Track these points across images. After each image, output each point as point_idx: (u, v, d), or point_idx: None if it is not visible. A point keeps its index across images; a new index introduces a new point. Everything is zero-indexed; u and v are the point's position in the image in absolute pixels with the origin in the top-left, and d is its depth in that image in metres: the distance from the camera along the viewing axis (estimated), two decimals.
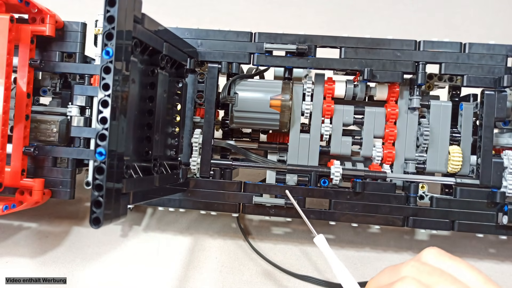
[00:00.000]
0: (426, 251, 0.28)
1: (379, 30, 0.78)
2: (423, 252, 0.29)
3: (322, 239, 0.35)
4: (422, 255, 0.28)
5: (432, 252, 0.28)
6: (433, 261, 0.28)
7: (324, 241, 0.35)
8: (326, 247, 0.35)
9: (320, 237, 0.35)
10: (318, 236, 0.36)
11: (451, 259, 0.27)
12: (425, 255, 0.28)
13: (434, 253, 0.28)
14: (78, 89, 0.51)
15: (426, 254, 0.28)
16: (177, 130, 0.48)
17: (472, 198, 0.49)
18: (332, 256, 0.33)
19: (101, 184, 0.30)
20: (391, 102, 0.52)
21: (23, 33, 0.48)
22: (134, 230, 0.58)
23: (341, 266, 0.33)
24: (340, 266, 0.32)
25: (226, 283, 0.52)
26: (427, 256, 0.28)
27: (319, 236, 0.36)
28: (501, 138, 0.52)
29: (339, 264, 0.33)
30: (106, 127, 0.31)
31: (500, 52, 0.49)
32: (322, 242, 0.35)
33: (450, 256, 0.28)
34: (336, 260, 0.33)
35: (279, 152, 0.55)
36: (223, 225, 0.59)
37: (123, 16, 0.31)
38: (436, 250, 0.28)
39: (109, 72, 0.31)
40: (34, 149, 0.49)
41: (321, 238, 0.35)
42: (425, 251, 0.29)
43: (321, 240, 0.35)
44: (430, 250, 0.28)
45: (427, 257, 0.28)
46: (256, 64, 0.51)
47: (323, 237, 0.35)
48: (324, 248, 0.35)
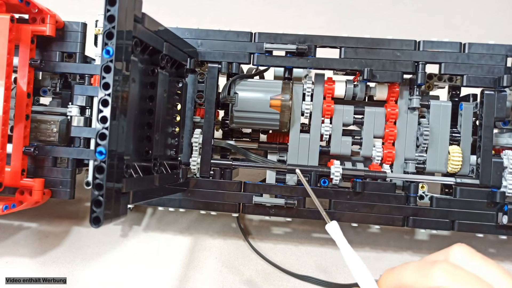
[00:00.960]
0: (455, 249, 0.26)
1: (379, 30, 0.78)
2: (452, 250, 0.26)
3: (336, 226, 0.33)
4: (452, 254, 0.26)
5: (463, 251, 0.26)
6: (465, 264, 0.25)
7: (338, 229, 0.33)
8: (339, 235, 0.32)
9: (333, 224, 0.33)
10: (332, 222, 0.33)
11: (484, 261, 0.25)
12: (454, 254, 0.26)
13: (466, 253, 0.26)
14: (78, 89, 0.51)
15: (455, 254, 0.26)
16: (177, 130, 0.48)
17: (472, 198, 0.49)
18: (345, 245, 0.31)
19: (101, 184, 0.30)
20: (391, 102, 0.52)
21: (23, 33, 0.48)
22: (134, 230, 0.58)
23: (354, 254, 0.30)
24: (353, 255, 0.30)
25: (226, 283, 0.52)
26: (457, 256, 0.26)
27: (333, 222, 0.33)
28: (500, 138, 0.52)
29: (352, 253, 0.31)
30: (106, 126, 0.31)
31: (500, 52, 0.49)
32: (335, 229, 0.33)
33: (482, 257, 0.26)
34: (349, 248, 0.31)
35: (279, 152, 0.55)
36: (223, 225, 0.59)
37: (124, 16, 0.31)
38: (467, 250, 0.26)
39: (109, 71, 0.31)
40: (34, 149, 0.49)
41: (334, 225, 0.33)
42: (454, 249, 0.26)
43: (335, 227, 0.33)
44: (460, 248, 0.26)
45: (458, 258, 0.26)
46: (256, 64, 0.51)
47: (336, 224, 0.33)
48: (337, 236, 0.32)
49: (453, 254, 0.26)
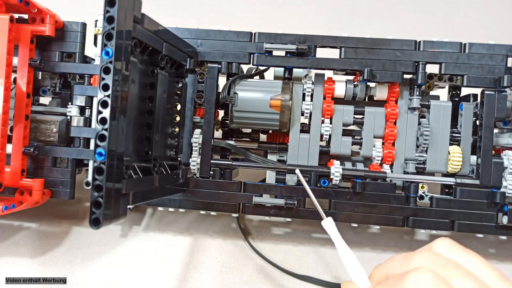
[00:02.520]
0: (438, 241, 0.28)
1: (379, 30, 0.77)
2: (435, 242, 0.28)
3: (331, 222, 0.34)
4: (434, 245, 0.28)
5: (444, 243, 0.27)
6: (446, 253, 0.27)
7: (333, 225, 0.34)
8: (334, 231, 0.34)
9: (329, 220, 0.34)
10: (327, 219, 0.35)
11: (464, 251, 0.27)
12: (437, 245, 0.27)
13: (447, 244, 0.27)
14: (78, 89, 0.51)
15: (438, 245, 0.27)
16: (177, 130, 0.48)
17: (472, 198, 0.49)
18: (339, 240, 0.33)
19: (101, 185, 0.30)
20: (391, 102, 0.52)
21: (23, 33, 0.48)
22: (134, 230, 0.58)
23: (348, 250, 0.32)
24: (347, 251, 0.32)
25: (226, 283, 0.52)
26: (439, 247, 0.27)
27: (328, 219, 0.35)
28: (501, 138, 0.52)
29: (346, 249, 0.32)
30: (106, 128, 0.31)
31: (500, 52, 0.49)
32: (330, 225, 0.34)
33: (463, 248, 0.27)
34: (343, 244, 0.32)
35: (279, 152, 0.55)
36: (223, 225, 0.59)
37: (123, 16, 0.31)
38: (448, 241, 0.27)
39: (109, 73, 0.30)
40: (34, 149, 0.49)
41: (329, 221, 0.34)
42: (437, 241, 0.28)
43: (330, 223, 0.34)
44: (442, 240, 0.28)
45: (439, 248, 0.27)
46: (256, 64, 0.51)
47: (331, 220, 0.34)
48: (332, 231, 0.34)
49: (435, 246, 0.28)
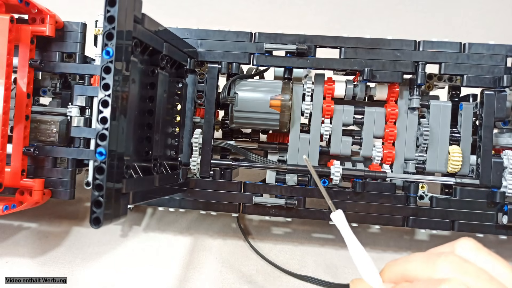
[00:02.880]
0: (462, 242, 0.25)
1: (379, 30, 0.78)
2: (459, 243, 0.25)
3: (341, 215, 0.32)
4: (457, 247, 0.25)
5: (470, 245, 0.25)
6: (473, 258, 0.25)
7: (343, 218, 0.32)
8: (344, 225, 0.32)
9: (339, 213, 0.32)
10: (337, 211, 0.33)
11: (491, 256, 0.25)
12: (461, 248, 0.25)
13: (473, 247, 0.25)
14: (78, 89, 0.51)
15: (463, 247, 0.25)
16: (177, 130, 0.48)
17: (472, 198, 0.49)
18: (350, 234, 0.31)
19: (101, 184, 0.30)
20: (391, 102, 0.52)
21: (23, 33, 0.48)
22: (134, 230, 0.58)
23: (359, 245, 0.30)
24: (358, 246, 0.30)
25: (226, 283, 0.52)
26: (465, 250, 0.25)
27: (338, 211, 0.33)
28: (500, 138, 0.52)
29: (356, 244, 0.30)
30: (106, 127, 0.31)
31: (500, 52, 0.49)
32: (340, 218, 0.32)
33: (489, 252, 0.25)
34: (354, 239, 0.31)
35: (279, 152, 0.55)
36: (223, 225, 0.59)
37: (123, 16, 0.31)
38: (473, 243, 0.25)
39: (109, 72, 0.31)
40: (34, 149, 0.49)
41: (339, 214, 0.32)
42: (460, 242, 0.25)
43: (340, 216, 0.32)
44: (466, 242, 0.25)
45: (466, 252, 0.25)
46: (256, 64, 0.51)
47: (341, 213, 0.33)
48: (342, 225, 0.32)
49: (460, 247, 0.25)
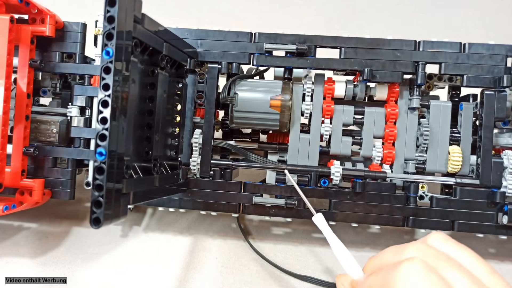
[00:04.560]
0: (432, 235, 0.28)
1: (379, 30, 0.77)
2: (429, 236, 0.28)
3: (321, 218, 0.36)
4: (428, 239, 0.28)
5: (438, 237, 0.28)
6: (439, 246, 0.27)
7: (323, 220, 0.36)
8: (324, 226, 0.35)
9: (319, 216, 0.36)
10: (317, 214, 0.37)
11: (457, 245, 0.27)
12: (431, 239, 0.28)
13: (441, 238, 0.28)
14: (78, 89, 0.51)
15: (432, 238, 0.28)
16: (177, 131, 0.48)
17: (472, 198, 0.49)
18: (331, 234, 0.34)
19: (101, 184, 0.30)
20: (391, 102, 0.52)
21: (23, 33, 0.48)
22: (134, 230, 0.58)
23: (340, 244, 0.33)
24: (339, 244, 0.33)
25: (226, 283, 0.52)
26: (433, 240, 0.28)
27: (318, 214, 0.37)
28: (500, 138, 0.52)
29: (337, 242, 0.33)
30: (106, 127, 0.31)
31: (500, 52, 0.49)
32: (321, 221, 0.36)
33: (456, 242, 0.28)
34: (335, 238, 0.33)
35: (279, 152, 0.55)
36: (223, 225, 0.59)
37: (123, 16, 0.31)
38: (442, 236, 0.28)
39: (109, 72, 0.31)
40: (34, 150, 0.49)
41: (319, 217, 0.36)
42: (431, 235, 0.28)
43: (320, 219, 0.36)
44: (436, 234, 0.28)
45: (433, 241, 0.28)
46: (256, 64, 0.51)
47: (321, 216, 0.36)
48: (323, 226, 0.35)
49: (429, 239, 0.28)
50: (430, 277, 0.24)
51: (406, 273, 0.24)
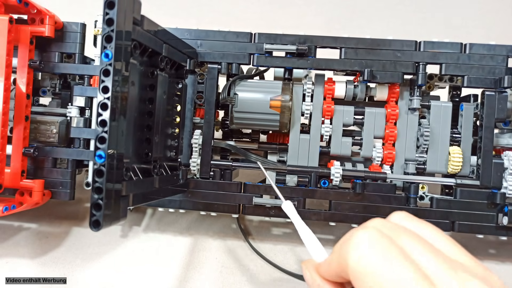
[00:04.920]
0: (394, 213, 0.28)
1: (379, 30, 0.77)
2: (392, 214, 0.28)
3: (290, 205, 0.38)
4: (390, 216, 0.28)
5: (400, 214, 0.28)
6: (399, 221, 0.27)
7: (292, 207, 0.38)
8: (293, 213, 0.37)
9: (288, 203, 0.38)
10: (286, 202, 0.38)
11: (418, 221, 0.27)
12: (392, 216, 0.28)
13: (403, 215, 0.27)
14: (78, 89, 0.51)
15: (393, 216, 0.28)
16: (177, 131, 0.48)
17: (472, 199, 0.49)
18: (298, 220, 0.35)
19: (101, 187, 0.30)
20: (391, 102, 0.52)
21: (22, 34, 0.48)
22: (134, 231, 0.58)
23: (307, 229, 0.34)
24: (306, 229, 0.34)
25: (226, 283, 0.52)
26: (394, 217, 0.28)
27: (287, 202, 0.38)
28: (501, 138, 0.52)
29: (304, 228, 0.34)
30: (106, 130, 0.30)
31: (501, 52, 0.49)
32: (289, 208, 0.38)
33: (418, 219, 0.27)
34: (302, 224, 0.35)
35: (279, 153, 0.55)
36: (223, 226, 0.59)
37: (122, 18, 0.31)
38: (404, 213, 0.28)
39: (109, 75, 0.30)
40: (34, 150, 0.49)
41: (288, 204, 0.38)
42: (393, 213, 0.28)
43: (289, 205, 0.38)
44: (399, 212, 0.28)
45: (394, 218, 0.27)
46: (256, 65, 0.51)
47: (290, 203, 0.38)
48: (291, 213, 0.37)
49: (391, 217, 0.28)
50: (384, 243, 0.23)
51: (358, 240, 0.24)
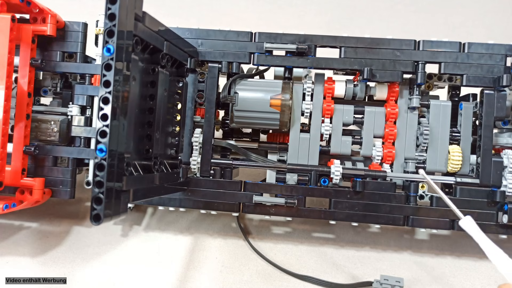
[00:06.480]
0: None
1: (379, 30, 0.78)
2: None
3: (471, 221, 0.32)
4: None
5: None
6: None
7: (473, 223, 0.32)
8: (476, 230, 0.31)
9: (468, 219, 0.32)
10: (465, 217, 0.32)
11: None
12: None
13: None
14: (79, 88, 0.51)
15: None
16: (177, 129, 0.48)
17: (472, 197, 0.49)
18: (484, 239, 0.30)
19: (102, 181, 0.30)
20: (391, 101, 0.52)
21: (24, 32, 0.48)
22: (135, 230, 0.58)
23: (495, 247, 0.30)
24: (495, 249, 0.30)
25: (226, 283, 0.51)
26: None
27: (467, 217, 0.32)
28: (500, 137, 0.52)
29: (492, 246, 0.30)
30: (107, 124, 0.31)
31: (499, 51, 0.49)
32: (470, 225, 0.32)
33: None
34: (489, 242, 0.30)
35: (279, 152, 0.55)
36: (223, 225, 0.59)
37: (124, 14, 0.32)
38: None
39: (110, 69, 0.31)
40: (34, 149, 0.49)
41: (468, 220, 0.32)
42: None
43: (469, 223, 0.32)
44: None
45: None
46: (256, 64, 0.52)
47: (471, 218, 0.32)
48: (474, 231, 0.31)
49: None
50: None
51: None
